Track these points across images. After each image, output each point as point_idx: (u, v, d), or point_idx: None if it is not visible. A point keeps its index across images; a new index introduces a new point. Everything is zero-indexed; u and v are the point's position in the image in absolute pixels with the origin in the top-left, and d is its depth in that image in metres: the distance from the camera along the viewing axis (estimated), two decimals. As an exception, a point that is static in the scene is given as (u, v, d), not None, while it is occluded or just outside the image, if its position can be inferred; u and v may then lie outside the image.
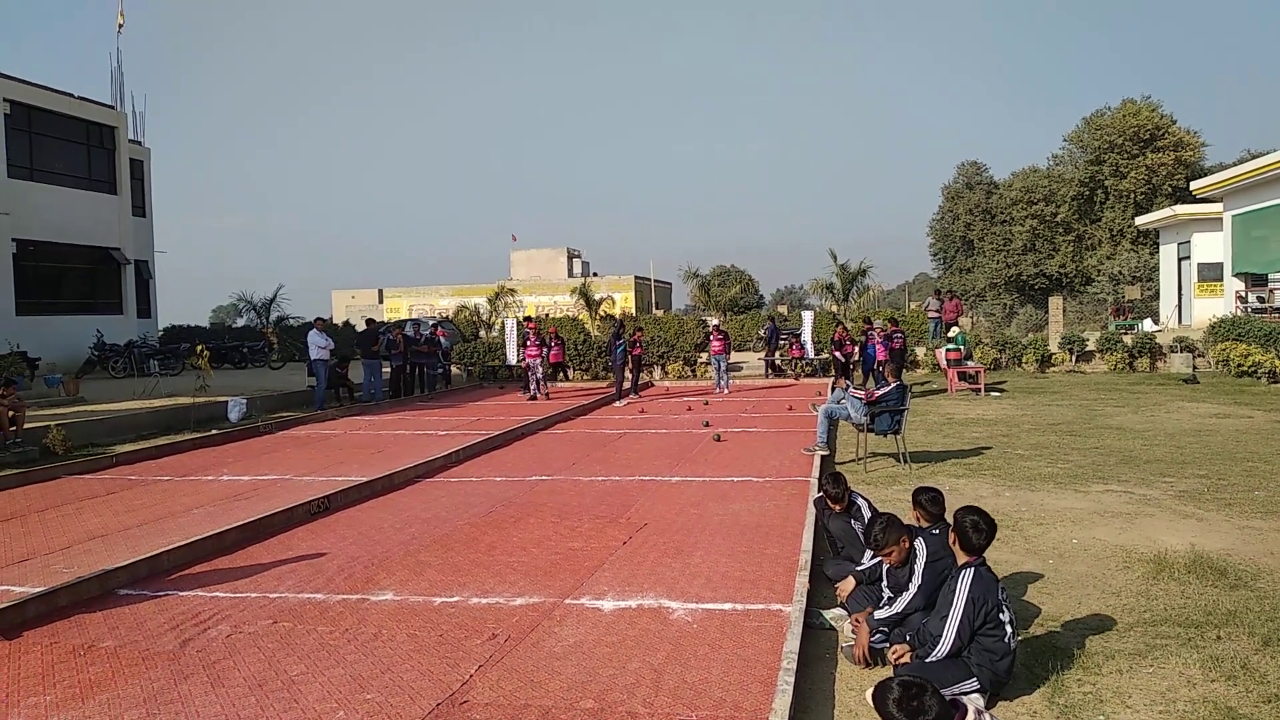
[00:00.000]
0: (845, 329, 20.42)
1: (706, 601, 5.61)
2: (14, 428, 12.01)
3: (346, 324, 36.75)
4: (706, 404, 17.44)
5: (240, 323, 43.05)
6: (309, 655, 4.87)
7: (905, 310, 35.11)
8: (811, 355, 23.34)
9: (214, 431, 14.24)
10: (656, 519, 7.86)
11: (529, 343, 19.32)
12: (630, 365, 19.61)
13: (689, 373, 24.15)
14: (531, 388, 19.33)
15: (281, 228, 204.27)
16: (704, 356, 24.45)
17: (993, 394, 17.43)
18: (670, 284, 68.17)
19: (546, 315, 36.05)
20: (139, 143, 29.84)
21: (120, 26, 28.62)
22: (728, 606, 5.51)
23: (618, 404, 17.93)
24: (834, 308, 31.55)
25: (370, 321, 20.48)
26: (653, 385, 21.49)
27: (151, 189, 31.28)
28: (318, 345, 17.61)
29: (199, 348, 16.59)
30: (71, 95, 25.79)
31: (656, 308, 57.05)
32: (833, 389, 15.91)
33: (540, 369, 19.25)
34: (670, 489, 9.22)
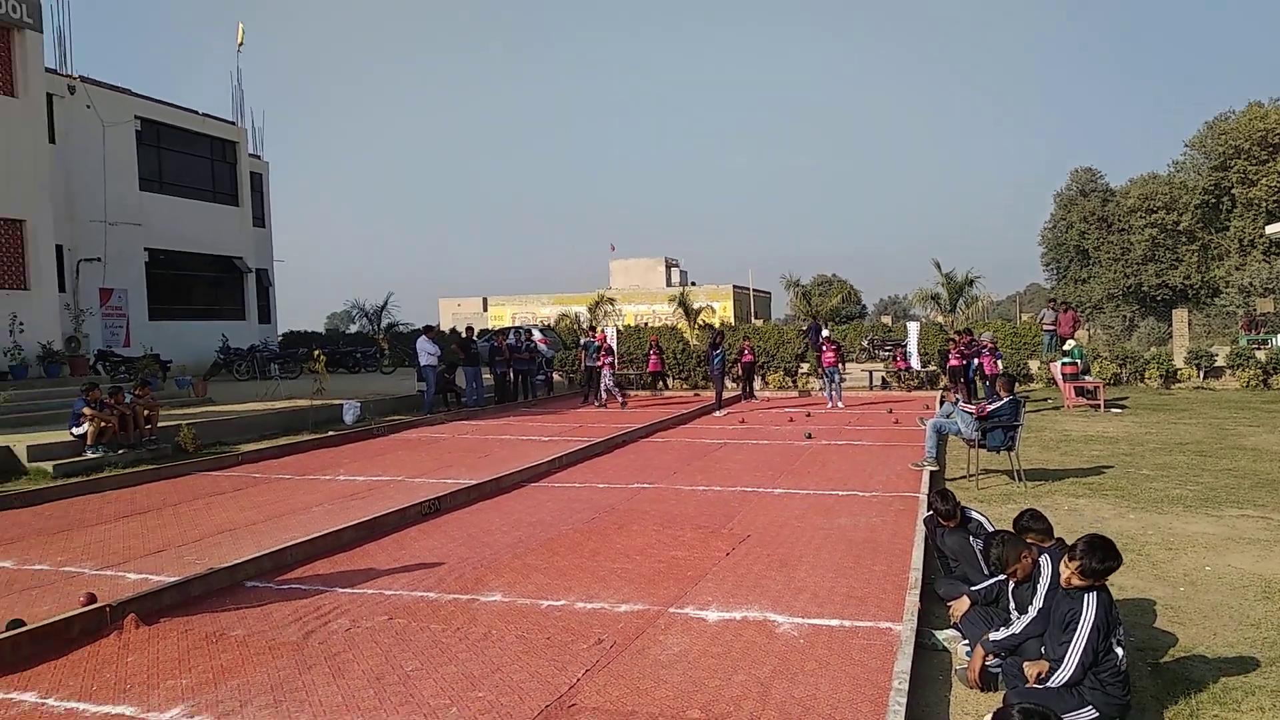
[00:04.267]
0: (966, 339, 19.60)
1: (813, 616, 5.53)
2: (149, 426, 12.77)
3: (453, 331, 37.76)
4: (809, 415, 17.22)
5: (354, 329, 44.75)
6: (423, 652, 5.02)
7: (1016, 322, 33.92)
8: (917, 367, 22.79)
9: (331, 433, 14.84)
10: (760, 531, 7.80)
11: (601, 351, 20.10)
12: (741, 373, 20.83)
13: (789, 383, 23.90)
14: (602, 394, 19.94)
15: (392, 237, 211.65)
16: (805, 367, 24.18)
17: (1113, 410, 16.66)
18: (769, 293, 67.65)
19: (645, 324, 36.24)
20: (258, 156, 31.33)
21: (240, 46, 30.11)
22: (835, 623, 5.43)
23: (717, 414, 17.88)
24: (940, 319, 30.72)
25: (469, 330, 21.05)
26: (754, 396, 21.35)
27: (270, 200, 32.82)
28: (427, 352, 18.17)
29: (316, 353, 17.36)
30: (196, 112, 27.28)
31: (755, 317, 56.69)
32: (941, 402, 15.51)
33: (609, 377, 19.83)
34: (773, 501, 9.14)
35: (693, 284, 62.54)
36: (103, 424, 11.89)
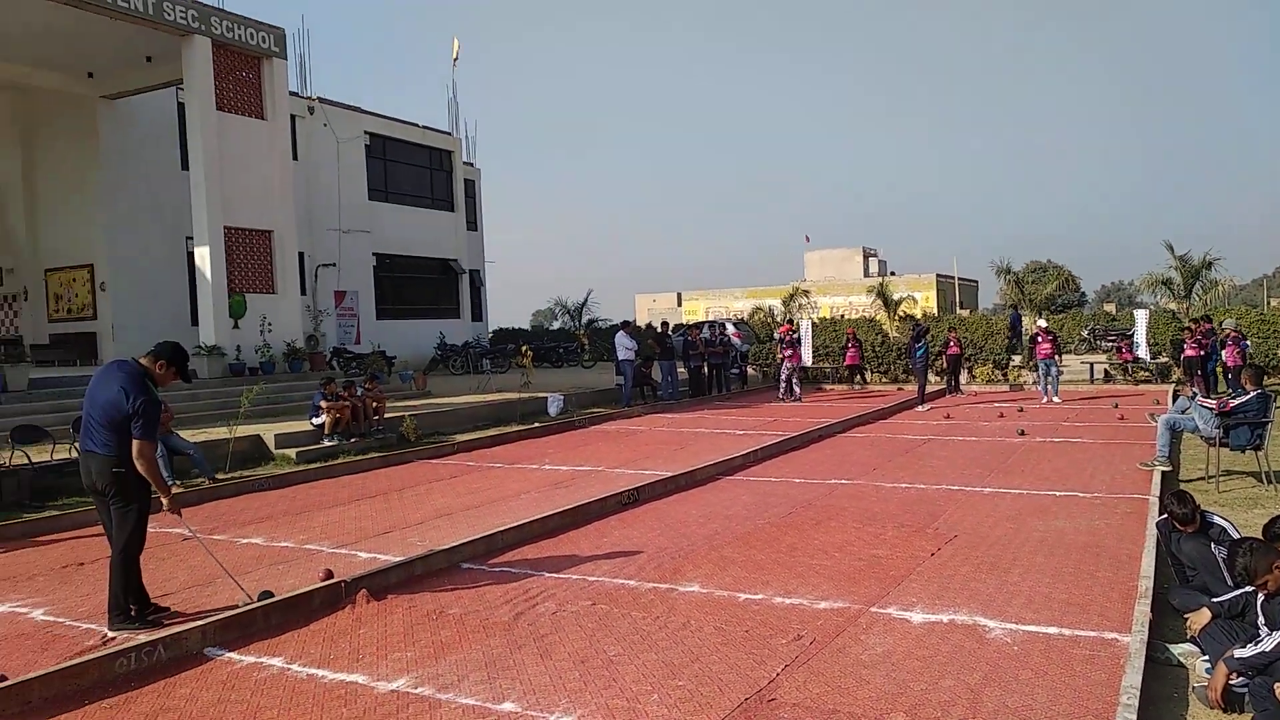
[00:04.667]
0: (1204, 328, 17.92)
1: (1028, 623, 5.22)
2: (377, 417, 13.86)
3: (649, 326, 38.50)
4: (1021, 410, 16.22)
5: (556, 325, 46.64)
6: (624, 638, 5.15)
7: (1264, 308, 30.47)
8: (1147, 359, 20.94)
9: (536, 424, 15.56)
10: (968, 531, 7.44)
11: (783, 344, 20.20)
12: (947, 366, 20.44)
13: (999, 376, 22.61)
14: (782, 388, 19.80)
15: (593, 236, 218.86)
16: (1016, 359, 22.83)
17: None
18: (976, 281, 64.35)
19: (841, 316, 35.42)
20: (471, 164, 33.20)
21: (455, 59, 31.97)
22: (1053, 630, 5.09)
23: (920, 408, 17.20)
24: (1172, 305, 28.05)
25: (664, 324, 21.38)
26: (961, 391, 20.36)
27: (482, 205, 34.72)
28: (625, 346, 18.66)
29: (524, 349, 18.25)
30: (417, 125, 29.29)
31: (961, 307, 54.04)
32: (1174, 397, 14.17)
33: (787, 370, 19.77)
34: (982, 500, 8.68)
35: (892, 274, 60.51)
36: (337, 415, 13.01)
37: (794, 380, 19.69)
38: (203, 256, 17.26)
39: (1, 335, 20.16)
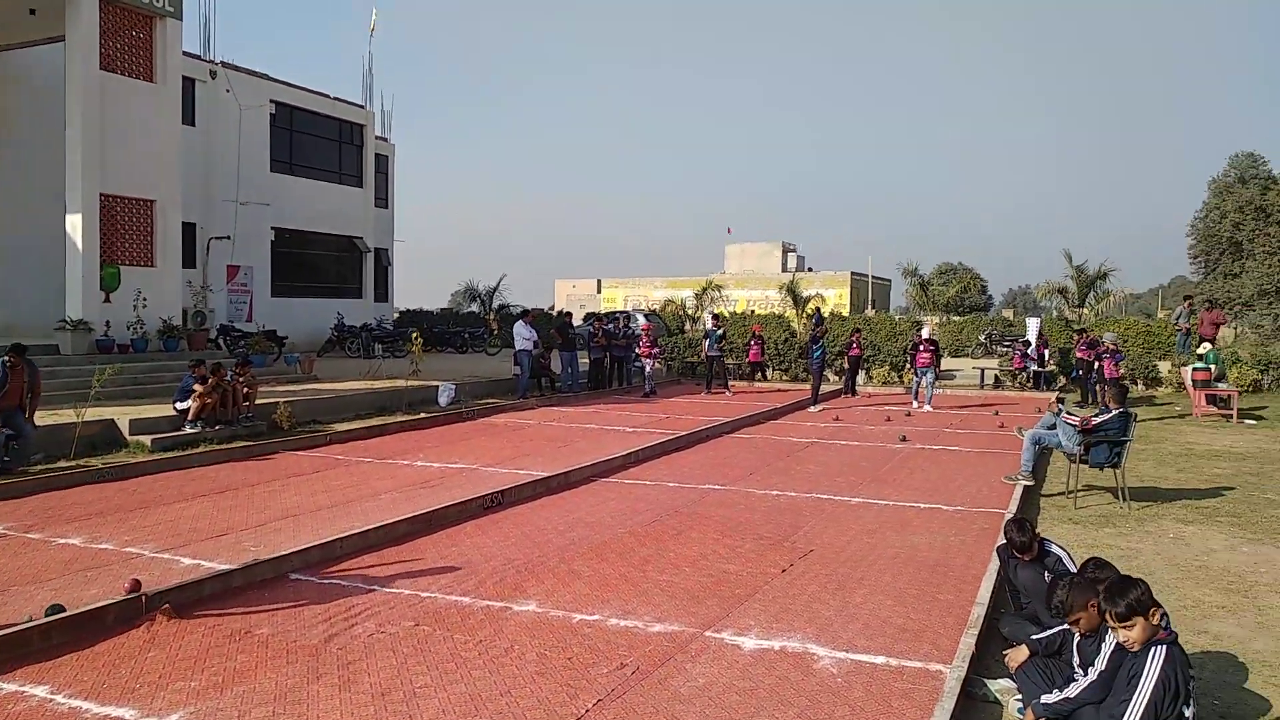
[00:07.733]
0: (1086, 339, 18.68)
1: (858, 651, 5.11)
2: (247, 403, 13.20)
3: (559, 314, 38.04)
4: (909, 414, 16.43)
5: (474, 308, 45.74)
6: (438, 665, 4.86)
7: (1155, 316, 31.64)
8: (1035, 367, 21.47)
9: (422, 414, 15.06)
10: (825, 545, 7.36)
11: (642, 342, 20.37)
12: (847, 366, 20.68)
13: (895, 379, 22.93)
14: (646, 384, 19.98)
15: (516, 219, 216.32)
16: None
17: (1247, 422, 15.22)
18: (889, 281, 65.56)
19: (753, 311, 35.59)
20: (385, 139, 32.18)
21: (372, 31, 31.02)
22: (880, 660, 4.99)
23: (812, 409, 17.28)
24: (1068, 313, 28.95)
25: (567, 314, 21.04)
26: (856, 393, 20.56)
27: (394, 181, 33.71)
28: (523, 336, 18.26)
29: (414, 334, 17.65)
30: (327, 95, 28.19)
31: (872, 306, 55.04)
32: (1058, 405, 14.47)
33: (649, 366, 20.02)
34: (847, 511, 8.64)
35: (809, 269, 61.25)
36: (205, 400, 12.32)
37: (647, 374, 19.93)
38: (74, 225, 16.16)
39: None
